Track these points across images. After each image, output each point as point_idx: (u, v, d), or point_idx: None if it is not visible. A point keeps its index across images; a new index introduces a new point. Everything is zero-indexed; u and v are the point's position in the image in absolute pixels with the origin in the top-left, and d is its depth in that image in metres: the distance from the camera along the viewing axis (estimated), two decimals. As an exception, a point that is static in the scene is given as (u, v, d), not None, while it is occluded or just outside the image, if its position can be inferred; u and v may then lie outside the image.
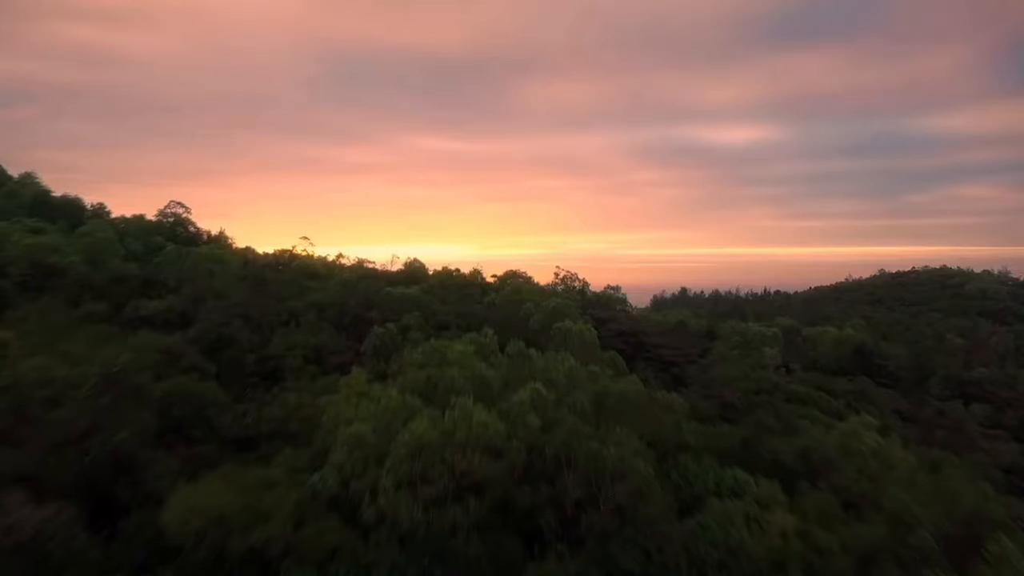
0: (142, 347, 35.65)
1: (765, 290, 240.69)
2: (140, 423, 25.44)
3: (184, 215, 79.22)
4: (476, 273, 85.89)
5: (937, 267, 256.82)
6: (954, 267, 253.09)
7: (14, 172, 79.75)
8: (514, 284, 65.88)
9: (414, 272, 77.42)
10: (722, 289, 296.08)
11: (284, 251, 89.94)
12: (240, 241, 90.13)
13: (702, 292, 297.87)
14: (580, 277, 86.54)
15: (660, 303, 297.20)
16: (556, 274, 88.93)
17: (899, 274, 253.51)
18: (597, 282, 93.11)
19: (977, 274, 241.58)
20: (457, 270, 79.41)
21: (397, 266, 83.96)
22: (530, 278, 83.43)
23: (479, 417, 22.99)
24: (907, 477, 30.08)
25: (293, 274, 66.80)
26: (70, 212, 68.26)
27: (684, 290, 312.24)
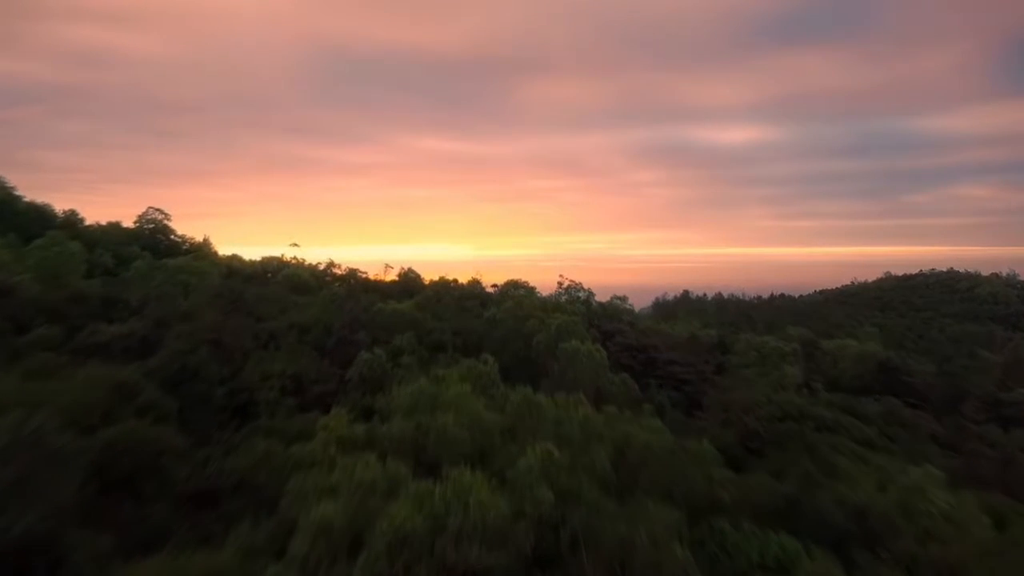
0: (89, 383, 30.94)
1: (771, 295, 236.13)
2: (62, 496, 20.74)
3: (164, 222, 74.56)
4: (475, 283, 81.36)
5: (944, 270, 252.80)
6: (961, 270, 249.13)
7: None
8: (516, 297, 61.16)
9: (408, 283, 72.85)
10: (725, 292, 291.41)
11: (272, 259, 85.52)
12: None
13: (704, 295, 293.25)
14: (585, 286, 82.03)
15: (662, 306, 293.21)
16: (560, 283, 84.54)
17: (906, 277, 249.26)
18: (597, 282, 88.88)
19: (985, 277, 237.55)
20: (455, 280, 74.88)
21: (391, 276, 79.55)
22: (532, 288, 78.76)
23: (478, 495, 18.33)
24: (982, 543, 25.57)
25: (278, 287, 62.11)
26: (36, 220, 63.37)
27: (687, 293, 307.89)
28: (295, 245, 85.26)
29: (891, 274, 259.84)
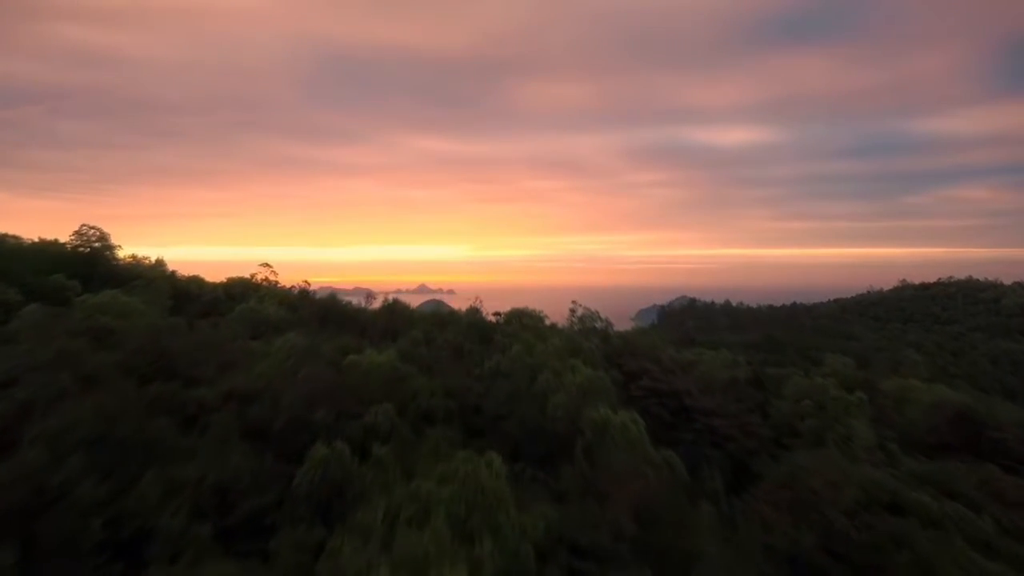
0: None
1: (784, 305, 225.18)
2: None
3: (104, 241, 62.62)
4: (474, 311, 69.95)
5: (963, 277, 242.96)
6: (980, 277, 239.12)
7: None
8: (524, 339, 49.69)
9: (395, 315, 61.34)
10: (732, 298, 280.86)
11: (240, 281, 74.02)
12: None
13: (712, 302, 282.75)
14: (602, 316, 70.72)
15: (669, 314, 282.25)
16: (572, 310, 73.29)
17: (924, 286, 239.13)
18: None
19: (1008, 286, 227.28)
20: (450, 312, 63.46)
21: (375, 304, 68.12)
22: (542, 317, 67.31)
23: None
24: None
25: (232, 326, 50.56)
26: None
27: (694, 301, 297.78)
28: (267, 266, 73.73)
29: (907, 281, 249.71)
